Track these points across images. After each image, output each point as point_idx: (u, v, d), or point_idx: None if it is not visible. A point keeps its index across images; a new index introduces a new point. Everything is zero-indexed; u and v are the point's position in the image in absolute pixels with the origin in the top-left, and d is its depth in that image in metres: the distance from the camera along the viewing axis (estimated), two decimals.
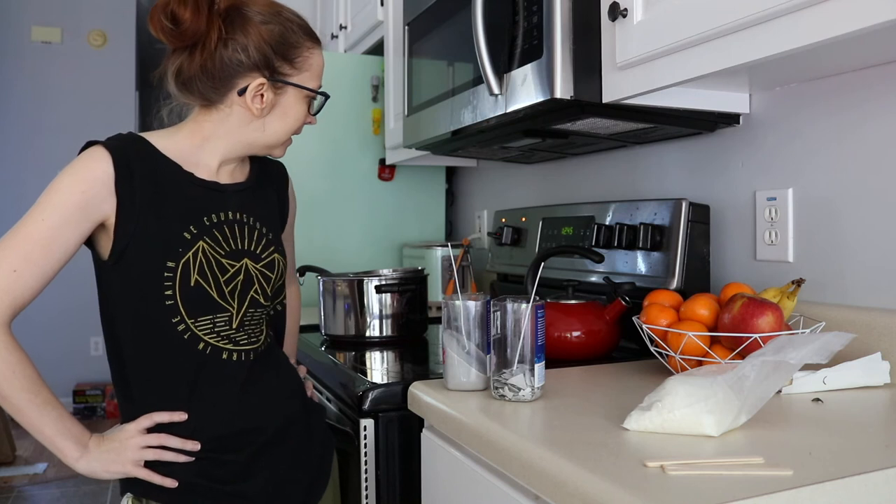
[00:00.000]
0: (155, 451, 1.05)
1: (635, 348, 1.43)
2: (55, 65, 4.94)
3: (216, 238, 1.10)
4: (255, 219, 1.17)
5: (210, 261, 1.08)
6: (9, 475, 3.62)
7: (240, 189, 1.17)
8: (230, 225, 1.12)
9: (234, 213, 1.14)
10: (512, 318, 1.01)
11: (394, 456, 1.21)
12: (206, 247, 1.09)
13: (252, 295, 1.13)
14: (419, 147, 1.91)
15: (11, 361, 1.00)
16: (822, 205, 1.24)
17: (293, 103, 1.14)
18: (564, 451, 0.78)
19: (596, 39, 1.25)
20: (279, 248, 1.20)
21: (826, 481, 0.67)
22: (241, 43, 1.07)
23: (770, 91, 1.33)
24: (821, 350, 0.88)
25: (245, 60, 1.08)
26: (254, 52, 1.08)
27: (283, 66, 1.11)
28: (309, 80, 1.14)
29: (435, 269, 2.24)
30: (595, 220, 1.62)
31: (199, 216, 1.10)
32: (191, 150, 1.12)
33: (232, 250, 1.11)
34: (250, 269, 1.13)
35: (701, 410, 0.82)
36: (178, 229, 1.07)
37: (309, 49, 1.14)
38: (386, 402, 1.21)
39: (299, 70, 1.13)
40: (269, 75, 1.10)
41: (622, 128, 1.45)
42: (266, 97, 1.10)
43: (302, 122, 1.17)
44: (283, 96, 1.13)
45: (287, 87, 1.12)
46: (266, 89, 1.10)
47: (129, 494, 1.09)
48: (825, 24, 0.87)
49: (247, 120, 1.12)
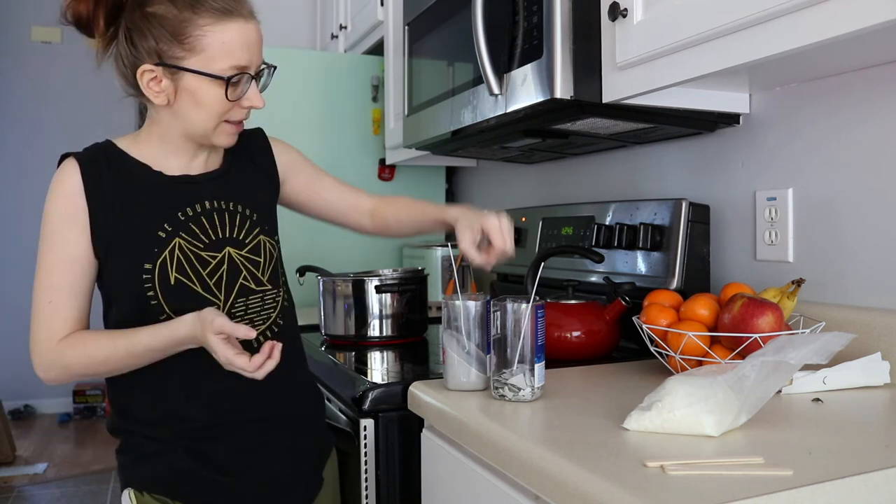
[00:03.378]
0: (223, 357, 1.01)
1: (635, 348, 1.43)
2: (55, 65, 4.94)
3: (193, 232, 1.10)
4: (234, 203, 1.15)
5: (189, 256, 1.09)
6: (9, 475, 3.62)
7: (213, 177, 1.15)
8: (208, 215, 1.12)
9: (210, 202, 1.12)
10: (512, 318, 1.00)
11: (394, 456, 1.21)
12: (182, 243, 1.09)
13: (241, 283, 1.12)
14: (419, 147, 1.91)
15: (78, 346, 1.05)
16: (822, 205, 1.24)
17: (197, 88, 1.03)
18: (564, 451, 0.78)
19: (596, 39, 1.25)
20: (266, 229, 1.18)
21: (826, 481, 0.67)
22: (127, 31, 1.04)
23: (770, 91, 1.33)
24: (821, 350, 0.88)
25: (132, 50, 1.04)
26: (139, 38, 1.03)
27: (171, 49, 1.02)
28: (208, 62, 1.02)
29: (435, 269, 2.24)
30: (595, 220, 1.62)
31: (173, 213, 1.09)
32: (156, 149, 1.12)
33: (211, 241, 1.11)
34: (234, 256, 1.12)
35: (701, 410, 0.82)
36: (151, 229, 1.08)
37: (202, 27, 1.01)
38: (386, 402, 1.21)
39: (192, 52, 1.02)
40: (157, 61, 1.03)
41: (622, 128, 1.45)
42: (163, 84, 1.04)
43: (224, 106, 1.05)
44: (182, 81, 1.04)
45: (182, 72, 1.03)
46: (162, 75, 1.03)
47: (130, 489, 1.09)
48: (825, 24, 0.87)
49: (165, 111, 1.08)
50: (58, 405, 4.86)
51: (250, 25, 1.05)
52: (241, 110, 1.08)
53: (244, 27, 1.04)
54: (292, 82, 2.41)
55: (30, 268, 1.16)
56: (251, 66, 1.06)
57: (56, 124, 4.92)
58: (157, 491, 1.08)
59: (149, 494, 1.08)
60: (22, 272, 4.79)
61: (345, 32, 2.78)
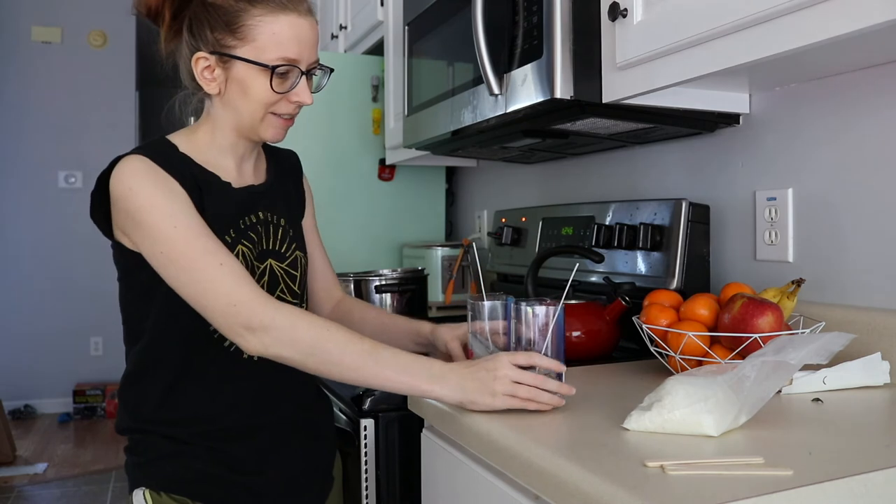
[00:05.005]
0: (528, 390, 0.91)
1: (635, 348, 1.43)
2: (55, 65, 4.94)
3: (251, 239, 1.11)
4: (279, 217, 1.17)
5: (247, 263, 1.09)
6: (9, 475, 3.62)
7: (265, 189, 1.17)
8: (261, 225, 1.13)
9: (263, 213, 1.14)
10: (541, 321, 0.96)
11: (394, 456, 1.21)
12: (244, 249, 1.09)
13: (278, 295, 1.13)
14: (419, 147, 1.91)
15: (318, 320, 0.98)
16: (822, 205, 1.24)
17: (246, 77, 1.05)
18: (564, 450, 0.78)
19: (596, 39, 1.25)
20: (300, 245, 1.20)
21: (826, 481, 0.67)
22: (189, 21, 1.06)
23: (770, 91, 1.33)
24: (821, 350, 0.88)
25: (191, 40, 1.06)
26: (197, 28, 1.05)
27: (224, 38, 1.04)
28: (258, 52, 1.03)
29: (435, 269, 2.24)
30: (595, 220, 1.62)
31: (236, 220, 1.10)
32: (209, 148, 1.11)
33: (260, 252, 1.12)
34: (275, 269, 1.14)
35: (701, 410, 0.82)
36: (220, 232, 1.06)
37: (256, 17, 1.03)
38: (386, 402, 1.21)
39: (243, 41, 1.03)
40: (211, 49, 1.05)
41: (622, 128, 1.45)
42: (215, 73, 1.06)
43: (270, 98, 1.06)
44: (233, 70, 1.05)
45: (233, 61, 1.04)
46: (215, 64, 1.06)
47: (143, 488, 1.08)
48: (825, 24, 0.87)
49: (219, 102, 1.09)
50: (58, 405, 4.86)
51: (304, 21, 1.06)
52: (288, 104, 1.08)
53: (297, 21, 1.05)
54: None
55: (36, 268, 1.15)
56: (301, 61, 1.06)
57: (56, 124, 4.92)
58: (175, 491, 1.07)
59: (167, 495, 1.07)
60: (27, 271, 4.80)
61: (345, 32, 2.78)
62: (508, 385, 0.91)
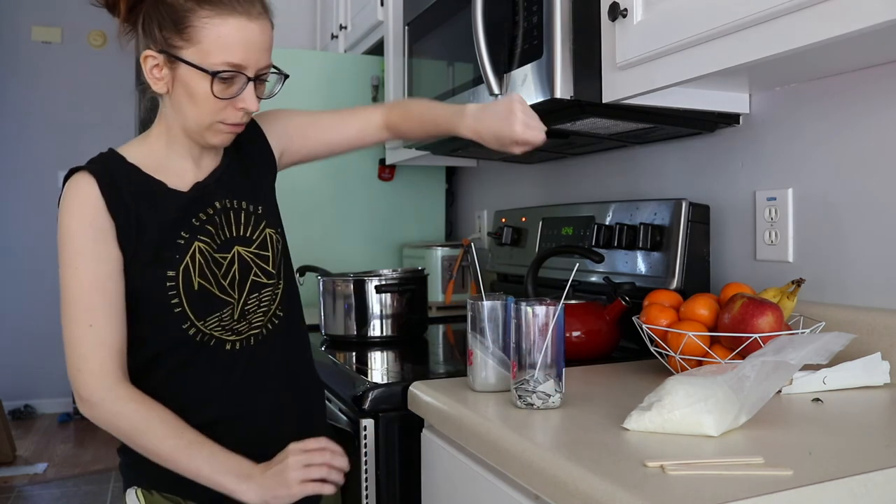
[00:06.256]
0: (318, 469, 1.01)
1: (635, 348, 1.43)
2: (55, 65, 4.94)
3: (209, 232, 1.09)
4: (239, 200, 1.14)
5: (207, 258, 1.08)
6: (9, 475, 3.62)
7: (217, 176, 1.14)
8: (219, 216, 1.11)
9: (221, 202, 1.12)
10: (541, 321, 0.96)
11: (394, 456, 1.21)
12: (201, 245, 1.08)
13: (252, 279, 1.12)
14: (419, 147, 1.91)
15: (142, 412, 1.01)
16: (822, 205, 1.24)
17: (190, 80, 1.02)
18: (564, 451, 0.78)
19: (596, 39, 1.25)
20: (271, 221, 1.17)
21: (826, 481, 0.67)
22: (143, 17, 1.04)
23: (770, 91, 1.33)
24: (821, 350, 0.88)
25: (141, 35, 1.05)
26: (148, 24, 1.03)
27: (172, 38, 1.01)
28: (202, 55, 1.00)
29: (435, 270, 2.24)
30: (595, 220, 1.62)
31: (189, 219, 1.09)
32: (164, 152, 1.10)
33: (223, 241, 1.11)
34: (244, 255, 1.12)
35: (701, 410, 0.82)
36: (171, 238, 1.06)
37: (203, 18, 0.99)
38: (386, 402, 1.21)
39: (189, 42, 1.00)
40: (159, 48, 1.02)
41: (622, 128, 1.45)
42: (163, 72, 1.03)
43: (216, 104, 1.03)
44: (178, 71, 1.02)
45: (179, 62, 1.01)
46: (163, 63, 1.03)
47: (136, 487, 1.09)
48: (824, 24, 0.87)
49: (169, 102, 1.08)
50: (58, 405, 4.86)
51: (254, 24, 1.02)
52: (235, 111, 1.05)
53: (245, 25, 1.01)
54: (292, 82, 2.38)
55: (36, 268, 1.15)
56: (248, 67, 1.03)
57: (56, 124, 4.92)
58: (167, 490, 1.08)
59: (159, 493, 1.08)
60: (27, 271, 4.79)
61: (345, 32, 2.78)
62: (300, 470, 0.99)
